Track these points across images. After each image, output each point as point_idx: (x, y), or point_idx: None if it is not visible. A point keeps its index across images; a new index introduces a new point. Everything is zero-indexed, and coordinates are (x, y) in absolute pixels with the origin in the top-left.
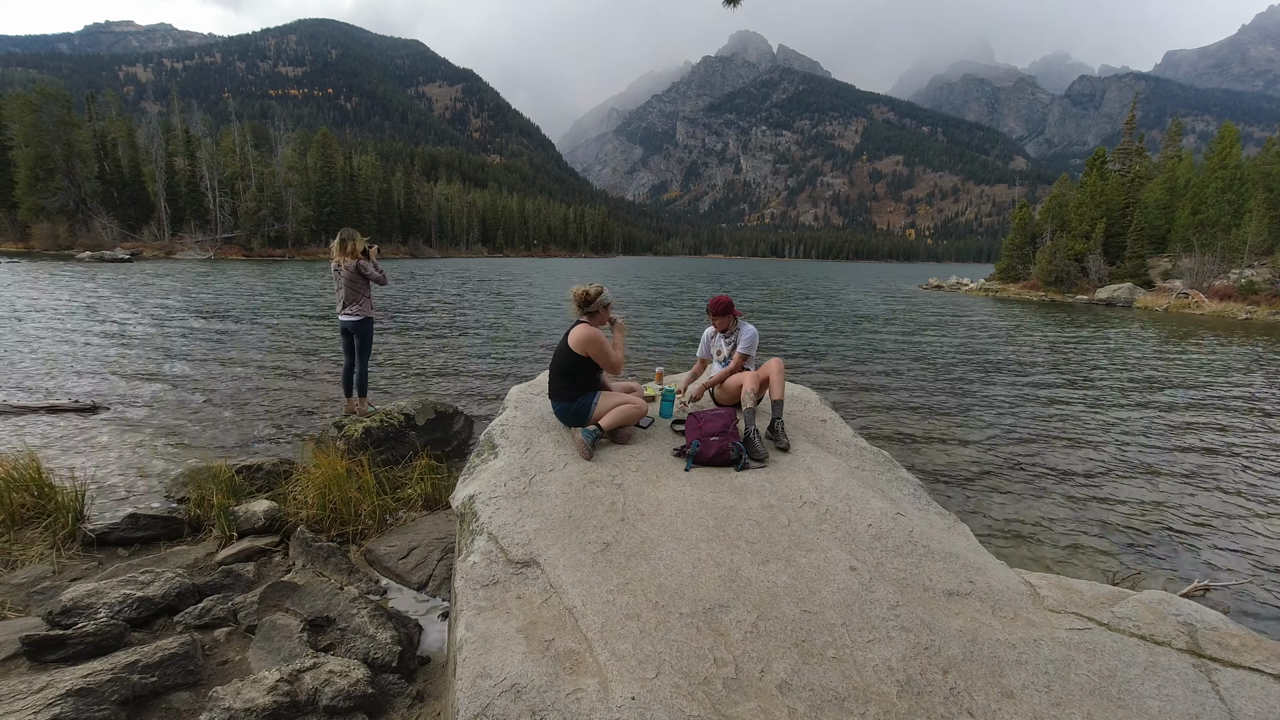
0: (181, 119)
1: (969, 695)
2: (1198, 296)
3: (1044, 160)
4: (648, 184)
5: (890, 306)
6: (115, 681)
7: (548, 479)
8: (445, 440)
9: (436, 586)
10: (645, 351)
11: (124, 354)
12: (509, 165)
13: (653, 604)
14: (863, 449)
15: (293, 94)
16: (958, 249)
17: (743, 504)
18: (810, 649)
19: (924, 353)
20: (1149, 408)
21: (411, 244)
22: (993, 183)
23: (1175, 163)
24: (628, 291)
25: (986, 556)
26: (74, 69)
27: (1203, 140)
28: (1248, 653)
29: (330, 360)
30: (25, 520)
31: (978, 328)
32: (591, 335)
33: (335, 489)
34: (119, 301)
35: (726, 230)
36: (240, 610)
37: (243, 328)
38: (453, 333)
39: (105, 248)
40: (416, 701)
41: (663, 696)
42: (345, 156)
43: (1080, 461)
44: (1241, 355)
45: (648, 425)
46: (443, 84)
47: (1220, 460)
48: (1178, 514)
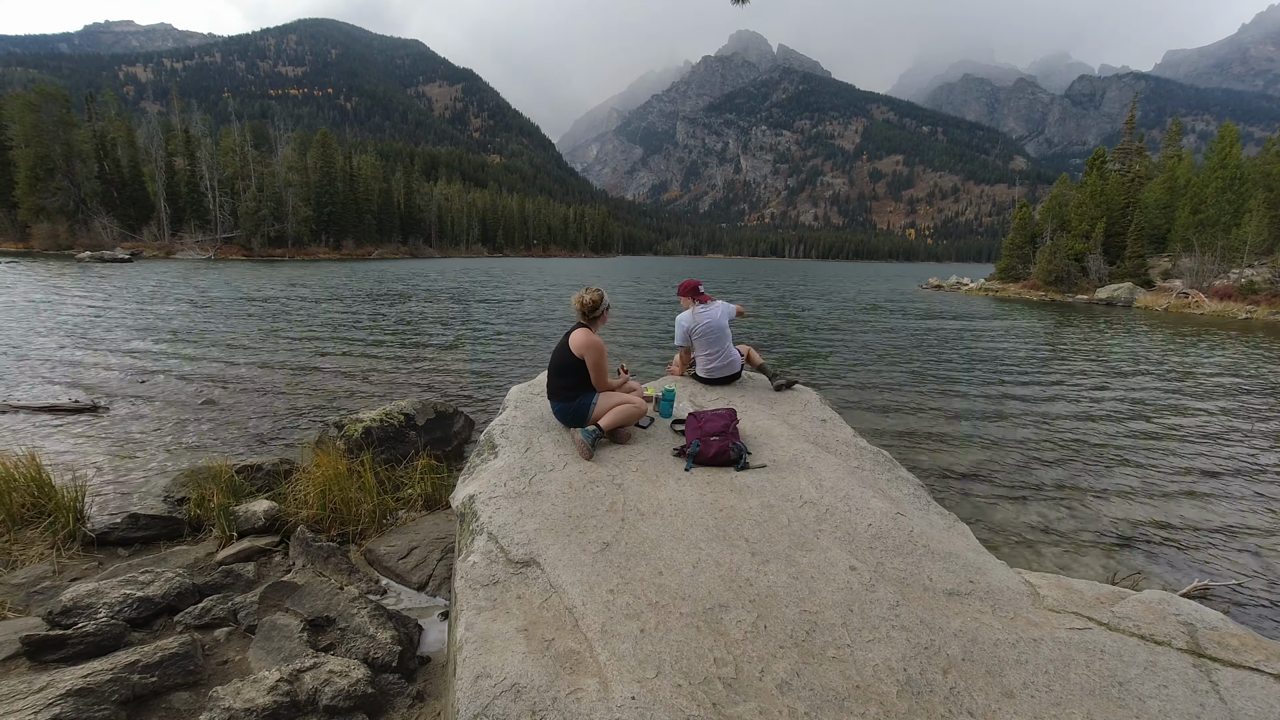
0: (181, 119)
1: (969, 695)
2: (1198, 296)
3: (1044, 160)
4: (648, 184)
5: (890, 307)
6: (115, 681)
7: (548, 479)
8: (445, 440)
9: (437, 586)
10: (645, 353)
11: (124, 354)
12: (509, 165)
13: (653, 604)
14: (863, 449)
15: (292, 94)
16: (958, 249)
17: (743, 504)
18: (810, 649)
19: (924, 353)
20: (1149, 408)
21: (411, 244)
22: (993, 182)
23: (1175, 162)
24: (628, 291)
25: (986, 556)
26: (74, 69)
27: (1203, 140)
28: (1248, 652)
29: (331, 360)
30: (25, 520)
31: (978, 328)
32: (592, 341)
33: (335, 489)
34: (119, 301)
35: (727, 230)
36: (240, 610)
37: (242, 327)
38: (453, 333)
39: (105, 248)
40: (417, 701)
41: (663, 696)
42: (345, 156)
43: (1080, 461)
44: (1242, 356)
45: (648, 425)
46: (443, 84)
47: (1221, 461)
48: (1178, 514)
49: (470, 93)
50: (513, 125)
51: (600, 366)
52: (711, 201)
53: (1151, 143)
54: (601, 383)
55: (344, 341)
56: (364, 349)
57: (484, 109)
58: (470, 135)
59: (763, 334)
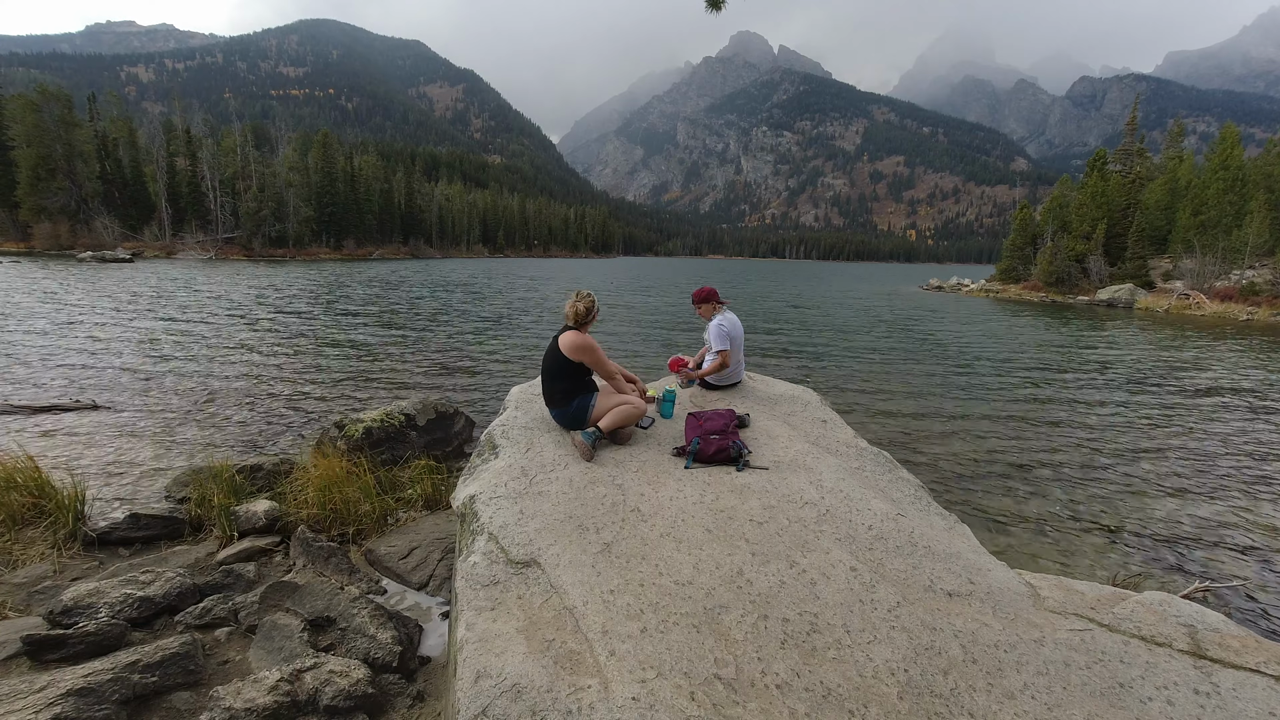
0: (183, 119)
1: (970, 696)
2: (1199, 297)
3: (1045, 161)
4: (648, 184)
5: (891, 307)
6: (116, 681)
7: (548, 479)
8: (446, 440)
9: (437, 586)
10: (646, 360)
11: (124, 354)
12: (510, 165)
13: (653, 604)
14: (863, 449)
15: (294, 94)
16: (959, 250)
17: (743, 505)
18: (811, 649)
19: (924, 354)
20: (1149, 409)
21: (412, 244)
22: (994, 183)
23: (1176, 163)
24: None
25: (987, 557)
26: (75, 69)
27: (1204, 141)
28: (1249, 654)
29: (332, 360)
30: (26, 520)
31: (978, 329)
32: (585, 343)
33: (336, 489)
34: (120, 301)
35: (727, 231)
36: (241, 610)
37: (242, 327)
38: (453, 333)
39: (106, 248)
40: (417, 701)
41: (663, 697)
42: (346, 157)
43: (1081, 463)
44: (1242, 356)
45: (648, 425)
46: (444, 84)
47: (1222, 461)
48: (1179, 515)
49: (471, 93)
50: (514, 126)
51: (600, 362)
52: (712, 202)
53: (1153, 144)
54: (608, 373)
55: (345, 341)
56: (364, 349)
57: (485, 109)
58: (471, 136)
59: (761, 336)
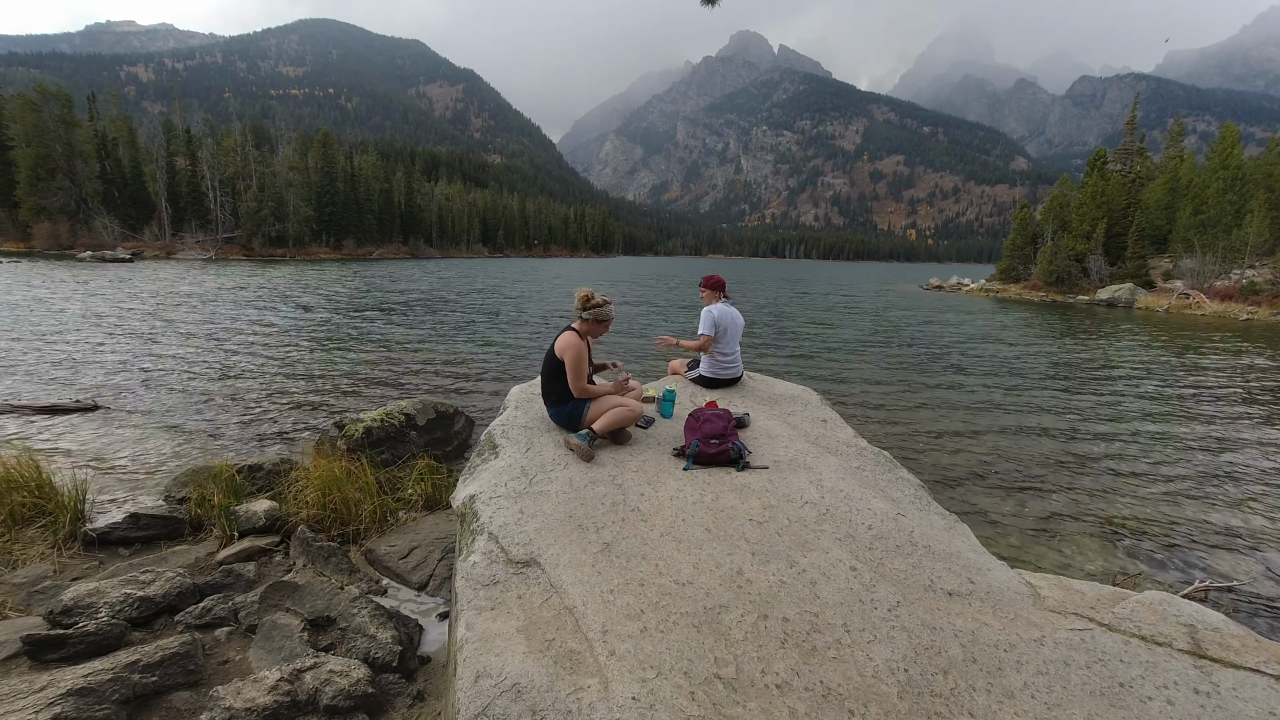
0: (182, 118)
1: (970, 696)
2: (1199, 297)
3: (1045, 160)
4: (648, 184)
5: (891, 308)
6: (116, 681)
7: (548, 479)
8: (445, 440)
9: (437, 586)
10: (644, 363)
11: (124, 353)
12: (510, 165)
13: (653, 604)
14: (863, 449)
15: (294, 94)
16: (959, 249)
17: (743, 504)
18: (811, 649)
19: (924, 354)
20: (1149, 409)
21: (412, 244)
22: (994, 183)
23: (1176, 163)
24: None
25: (987, 557)
26: (75, 68)
27: (1204, 140)
28: (1249, 654)
29: (332, 360)
30: (26, 520)
31: (978, 328)
32: (571, 343)
33: (336, 489)
34: (119, 301)
35: (727, 230)
36: (241, 610)
37: (242, 326)
38: (453, 333)
39: (106, 247)
40: (417, 701)
41: (664, 696)
42: (346, 156)
43: (1081, 462)
44: (1243, 357)
45: (647, 426)
46: (443, 84)
47: (1222, 461)
48: (1179, 515)
49: (471, 93)
50: (513, 125)
51: (578, 369)
52: (712, 201)
53: (1153, 143)
54: (578, 385)
55: (345, 341)
56: (365, 349)
57: (485, 109)
58: (471, 135)
59: (762, 336)
